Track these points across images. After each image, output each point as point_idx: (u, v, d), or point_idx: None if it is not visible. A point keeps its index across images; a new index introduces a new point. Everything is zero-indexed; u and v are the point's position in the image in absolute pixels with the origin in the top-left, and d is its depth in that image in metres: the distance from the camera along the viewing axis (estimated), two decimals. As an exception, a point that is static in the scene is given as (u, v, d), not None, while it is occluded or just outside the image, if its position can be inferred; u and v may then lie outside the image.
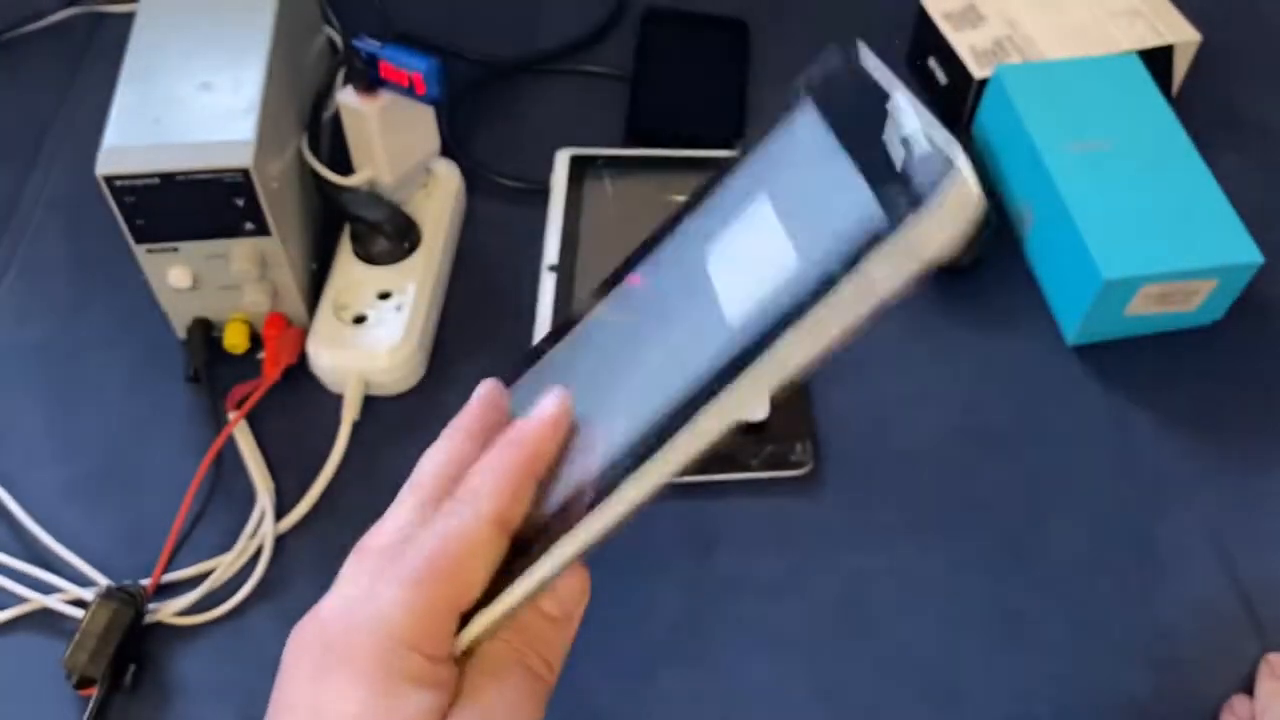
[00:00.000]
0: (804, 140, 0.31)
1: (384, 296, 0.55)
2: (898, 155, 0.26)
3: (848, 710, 0.46)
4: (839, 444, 0.53)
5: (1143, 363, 0.56)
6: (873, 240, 0.24)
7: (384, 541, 0.30)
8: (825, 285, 0.25)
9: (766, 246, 0.29)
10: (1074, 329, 0.56)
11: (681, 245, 0.32)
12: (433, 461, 0.32)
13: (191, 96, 0.50)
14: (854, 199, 0.26)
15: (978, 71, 0.62)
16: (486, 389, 0.33)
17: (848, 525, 0.50)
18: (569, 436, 0.31)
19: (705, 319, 0.29)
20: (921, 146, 0.26)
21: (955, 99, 0.65)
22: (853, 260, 0.24)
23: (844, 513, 0.50)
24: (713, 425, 0.27)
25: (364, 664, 0.27)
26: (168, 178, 0.48)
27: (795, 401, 0.54)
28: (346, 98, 0.53)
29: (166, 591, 0.49)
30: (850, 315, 0.25)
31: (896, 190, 0.25)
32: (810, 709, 0.46)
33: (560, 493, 0.30)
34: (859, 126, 0.29)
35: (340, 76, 0.56)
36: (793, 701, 0.46)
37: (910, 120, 0.26)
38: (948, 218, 0.24)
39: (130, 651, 0.46)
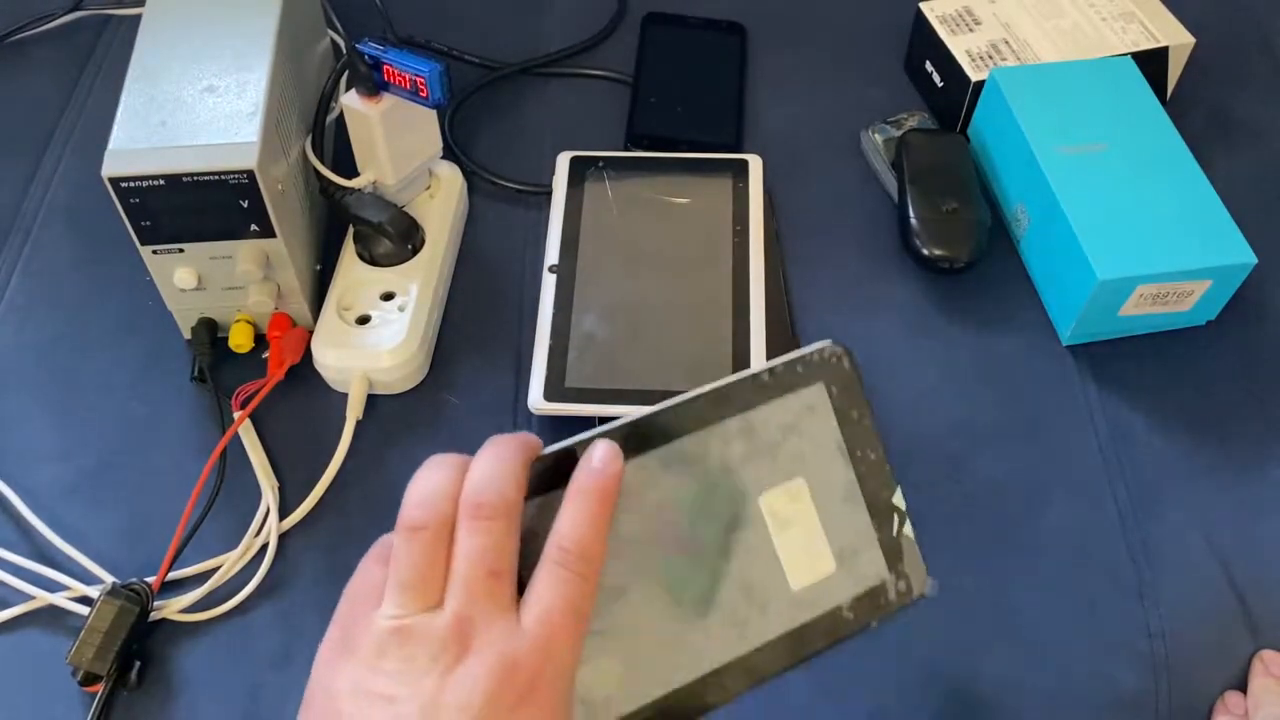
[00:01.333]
0: (821, 426, 0.40)
1: (387, 297, 0.56)
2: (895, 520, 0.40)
3: (848, 708, 0.47)
4: (837, 443, 0.53)
5: (1137, 362, 0.57)
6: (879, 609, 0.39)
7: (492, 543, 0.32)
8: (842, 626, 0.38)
9: (814, 541, 0.39)
10: (1069, 329, 0.56)
11: (722, 452, 0.38)
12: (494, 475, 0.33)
13: (197, 99, 0.51)
14: (870, 553, 0.39)
15: (973, 74, 0.63)
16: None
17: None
18: None
19: (767, 572, 0.38)
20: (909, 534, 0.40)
21: (952, 102, 0.65)
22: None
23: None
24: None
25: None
26: (173, 179, 0.48)
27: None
28: (350, 101, 0.54)
29: (172, 589, 0.49)
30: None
31: (898, 569, 0.39)
32: (810, 707, 0.46)
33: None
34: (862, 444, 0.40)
35: (344, 80, 0.57)
36: (793, 700, 0.47)
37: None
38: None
39: (135, 648, 0.47)
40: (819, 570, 0.39)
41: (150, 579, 0.48)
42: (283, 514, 0.51)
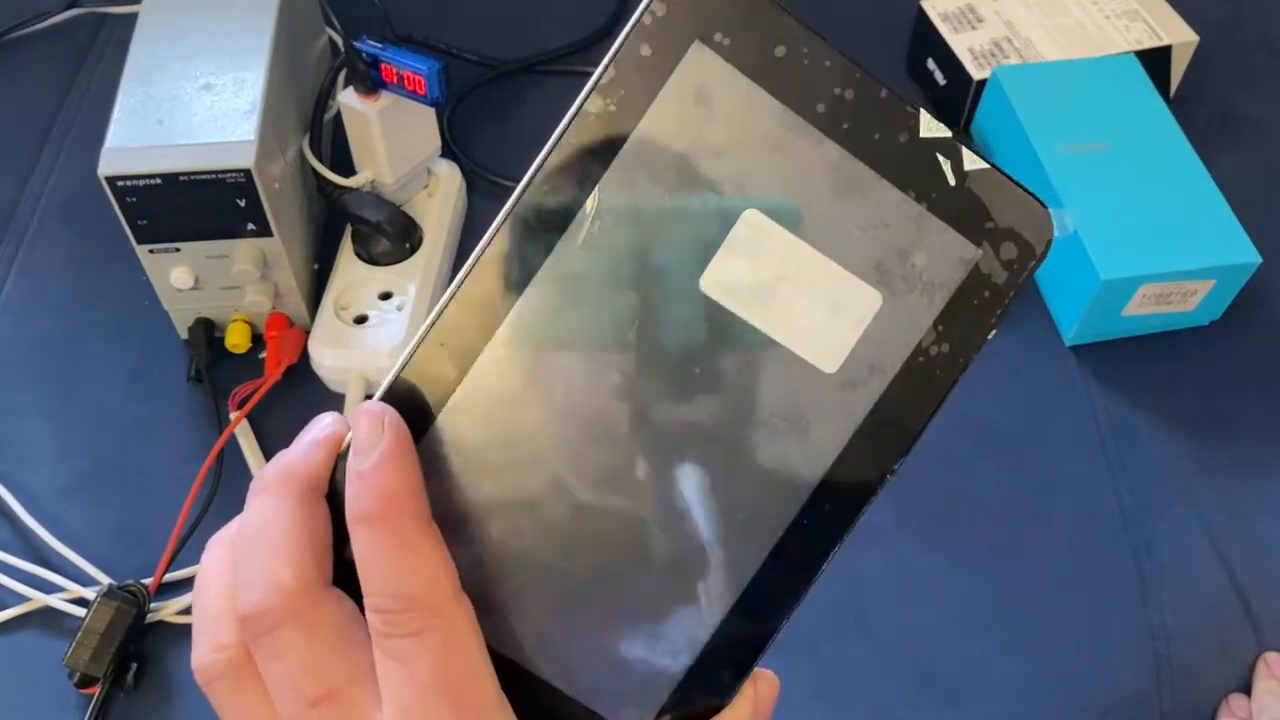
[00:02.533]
0: (735, 106, 0.23)
1: (385, 297, 0.55)
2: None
3: (848, 710, 0.46)
4: (838, 443, 0.53)
5: (1140, 362, 0.56)
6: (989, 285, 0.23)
7: None
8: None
9: (823, 284, 0.23)
10: (1072, 329, 0.56)
11: (600, 265, 0.23)
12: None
13: (193, 97, 0.50)
14: (929, 236, 0.23)
15: (976, 73, 0.63)
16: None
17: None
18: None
19: (775, 378, 0.23)
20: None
21: (954, 100, 0.65)
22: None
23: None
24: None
25: None
26: (170, 178, 0.48)
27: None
28: (348, 99, 0.53)
29: (168, 590, 0.49)
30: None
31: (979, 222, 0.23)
32: (810, 709, 0.46)
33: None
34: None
35: (342, 78, 0.56)
36: (793, 701, 0.46)
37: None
38: None
39: (132, 650, 0.46)
40: (860, 316, 0.23)
41: (147, 580, 0.48)
42: (280, 515, 0.51)
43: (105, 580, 0.48)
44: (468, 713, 0.21)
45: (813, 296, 0.23)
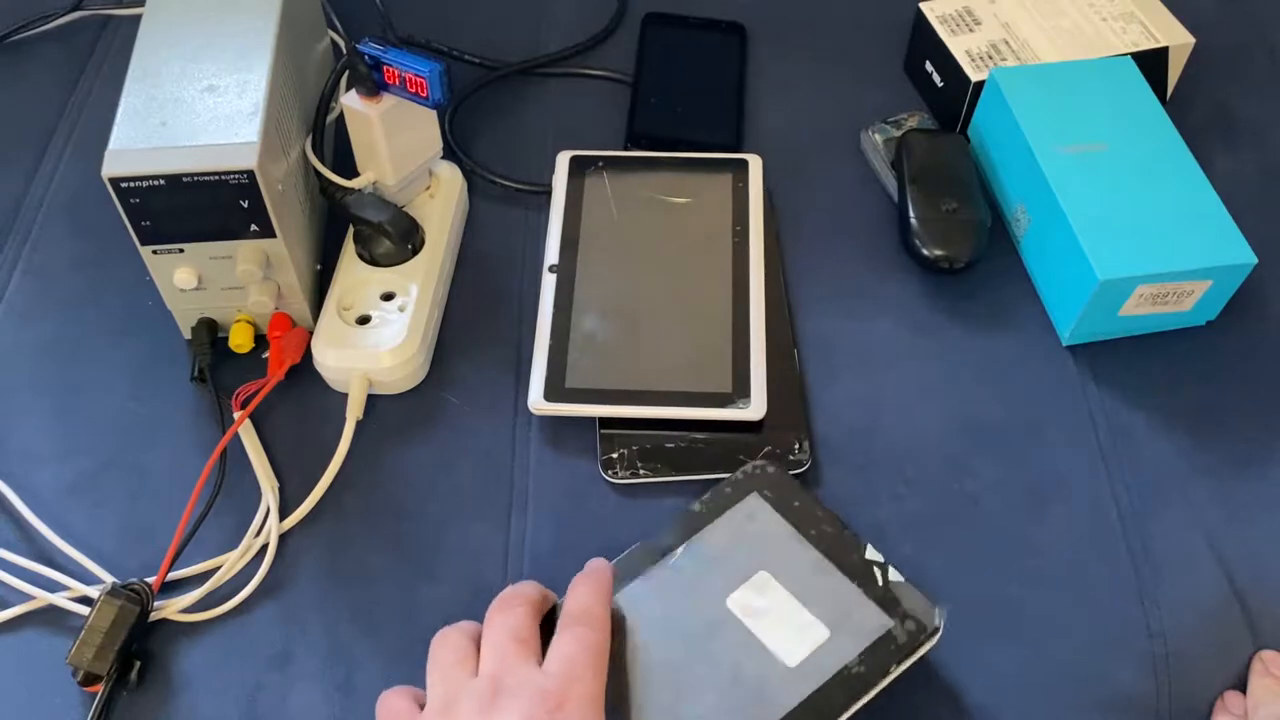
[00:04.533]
0: (768, 525, 0.46)
1: (387, 297, 0.56)
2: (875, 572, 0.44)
3: (846, 706, 0.47)
4: (835, 442, 0.53)
5: (1137, 362, 0.57)
6: (901, 654, 0.43)
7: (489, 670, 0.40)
8: (874, 675, 0.42)
9: (795, 618, 0.43)
10: (1069, 329, 0.56)
11: (678, 580, 0.45)
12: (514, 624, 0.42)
13: (197, 99, 0.51)
14: (862, 609, 0.44)
15: (973, 74, 0.63)
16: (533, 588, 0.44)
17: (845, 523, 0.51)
18: None
19: (758, 660, 0.42)
20: (894, 576, 0.44)
21: (952, 102, 0.65)
22: (891, 659, 0.43)
23: (841, 511, 0.51)
24: None
25: None
26: (173, 179, 0.48)
27: (792, 400, 0.54)
28: (350, 101, 0.54)
29: (172, 589, 0.49)
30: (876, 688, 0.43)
31: (896, 608, 0.44)
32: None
33: None
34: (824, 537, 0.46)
35: (344, 80, 0.57)
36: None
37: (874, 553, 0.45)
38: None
39: (135, 648, 0.47)
40: (813, 640, 0.43)
41: (150, 579, 0.48)
42: (283, 514, 0.51)
43: (109, 579, 0.49)
44: (594, 671, 0.39)
45: (790, 623, 0.43)
